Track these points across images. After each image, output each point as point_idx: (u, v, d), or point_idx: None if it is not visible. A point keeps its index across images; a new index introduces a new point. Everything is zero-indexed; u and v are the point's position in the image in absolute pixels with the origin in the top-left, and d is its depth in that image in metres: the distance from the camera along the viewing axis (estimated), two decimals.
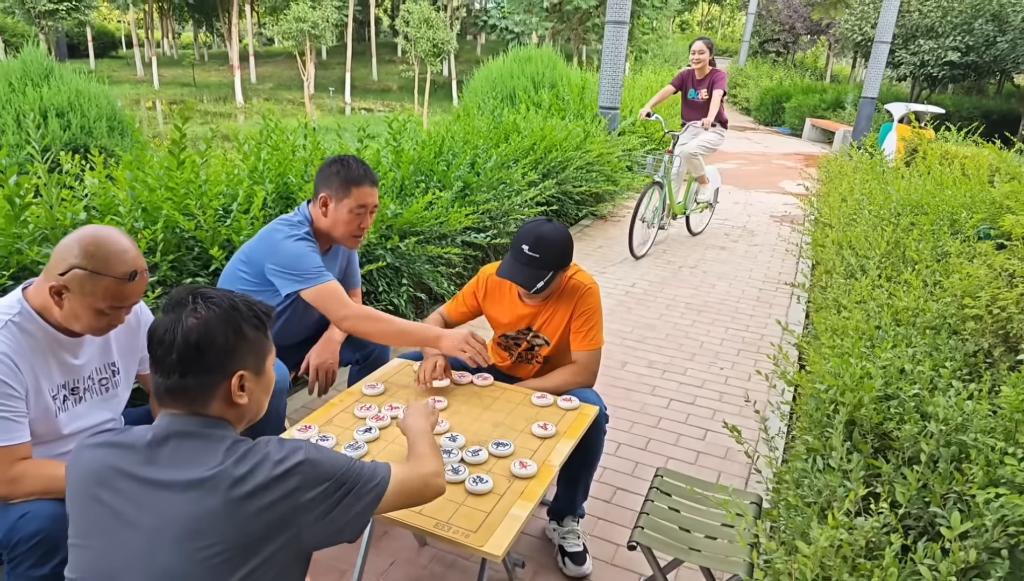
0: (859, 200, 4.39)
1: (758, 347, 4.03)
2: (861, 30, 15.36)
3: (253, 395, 1.22)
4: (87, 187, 2.78)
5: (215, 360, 1.15)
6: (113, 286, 1.51)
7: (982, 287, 2.25)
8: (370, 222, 2.30)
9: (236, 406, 1.19)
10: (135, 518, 1.10)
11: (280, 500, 1.12)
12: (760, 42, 23.72)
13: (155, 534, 1.08)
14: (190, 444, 1.14)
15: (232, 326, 1.16)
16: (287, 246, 2.17)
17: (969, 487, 1.36)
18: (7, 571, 1.47)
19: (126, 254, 1.52)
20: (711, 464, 2.84)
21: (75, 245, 1.49)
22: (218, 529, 1.08)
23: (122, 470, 1.12)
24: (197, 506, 1.08)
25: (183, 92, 23.01)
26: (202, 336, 1.13)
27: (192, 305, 1.15)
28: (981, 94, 16.74)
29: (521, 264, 2.06)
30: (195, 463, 1.11)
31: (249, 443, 1.16)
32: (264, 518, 1.10)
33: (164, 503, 1.09)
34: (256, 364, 1.21)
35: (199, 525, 1.08)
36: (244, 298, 1.21)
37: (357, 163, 2.24)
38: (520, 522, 1.52)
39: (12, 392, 1.46)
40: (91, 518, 1.13)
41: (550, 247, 2.04)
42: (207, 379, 1.15)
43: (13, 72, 5.90)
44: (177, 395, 1.15)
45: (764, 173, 10.05)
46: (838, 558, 1.30)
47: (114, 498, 1.11)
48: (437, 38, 17.71)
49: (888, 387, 1.80)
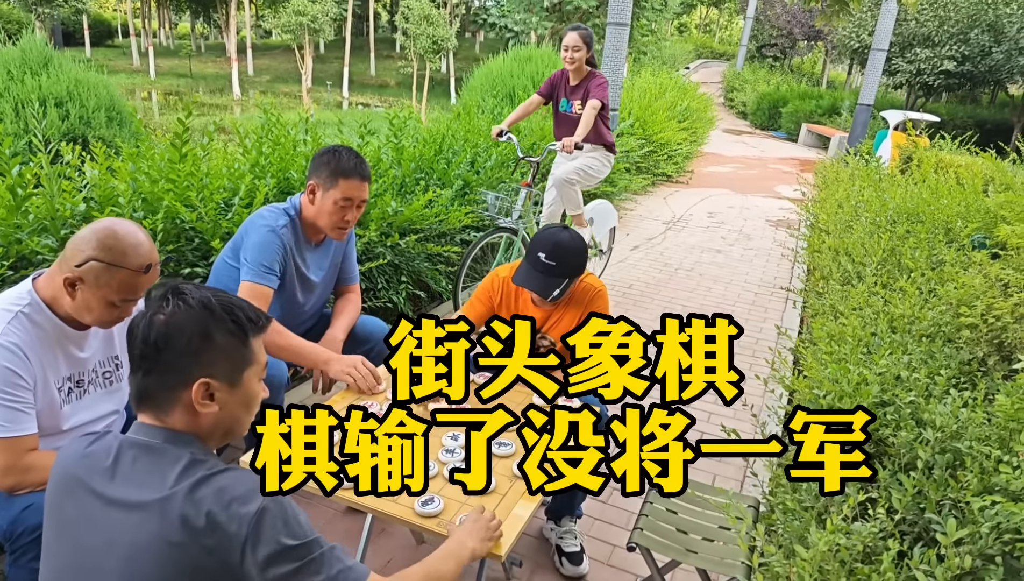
0: (856, 206, 4.42)
1: (754, 351, 4.06)
2: (858, 37, 15.43)
3: (226, 407, 1.10)
4: (87, 178, 2.78)
5: (173, 361, 1.06)
6: (129, 278, 1.52)
7: (977, 296, 2.28)
8: (356, 216, 2.27)
9: (201, 417, 1.09)
10: (85, 534, 1.05)
11: (231, 539, 1.00)
12: (758, 47, 23.79)
13: (103, 555, 1.02)
14: (147, 460, 1.06)
15: (199, 327, 1.07)
16: (257, 233, 2.18)
17: (964, 494, 1.39)
18: (9, 562, 1.47)
19: (142, 247, 1.53)
20: (706, 466, 2.86)
21: (92, 237, 1.50)
22: (157, 564, 0.99)
23: (83, 482, 1.07)
24: (139, 532, 1.00)
25: (179, 83, 22.89)
26: (162, 334, 1.05)
27: (167, 300, 1.08)
28: (975, 103, 16.86)
29: (538, 272, 2.06)
30: (147, 483, 1.03)
31: (210, 467, 1.05)
32: (205, 564, 1.00)
33: (111, 523, 1.03)
34: (229, 374, 1.10)
35: (138, 554, 1.00)
36: (229, 301, 1.11)
37: (350, 155, 2.22)
38: (522, 522, 1.54)
39: (22, 383, 1.47)
40: (53, 525, 1.10)
41: (567, 255, 2.05)
42: (164, 381, 1.07)
43: (12, 60, 5.87)
44: (141, 398, 1.09)
45: (760, 177, 10.09)
46: (836, 562, 1.33)
47: (73, 509, 1.07)
48: (437, 35, 17.69)
49: (884, 394, 1.82)
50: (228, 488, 1.02)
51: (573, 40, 4.16)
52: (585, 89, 4.18)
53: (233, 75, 21.64)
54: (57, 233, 2.42)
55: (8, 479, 1.45)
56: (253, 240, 2.18)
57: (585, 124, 4.06)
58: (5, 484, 1.45)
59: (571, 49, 4.14)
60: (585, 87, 4.19)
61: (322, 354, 2.14)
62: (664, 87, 10.57)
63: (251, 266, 2.15)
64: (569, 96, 4.32)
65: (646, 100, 9.01)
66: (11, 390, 1.45)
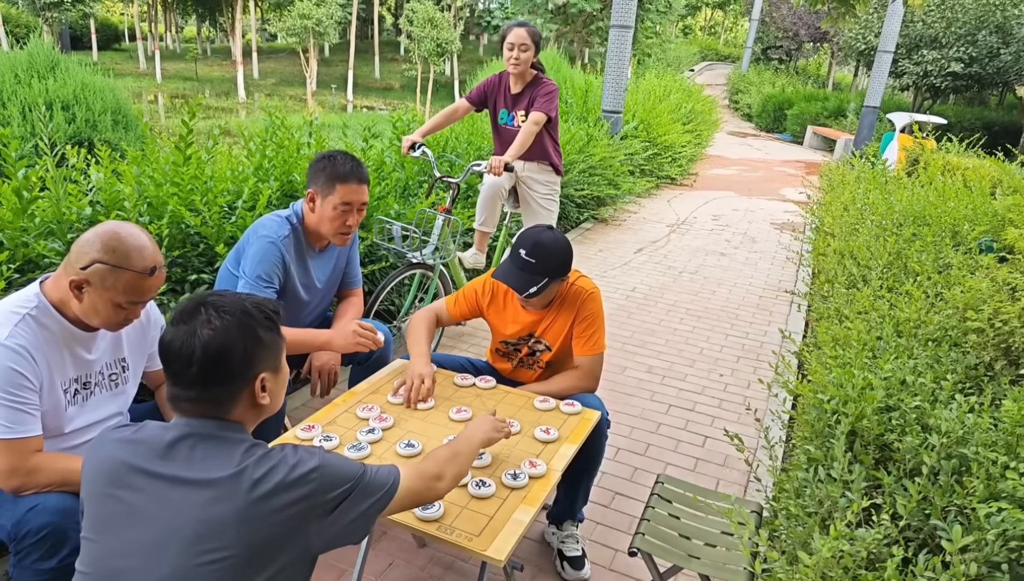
0: (861, 209, 4.40)
1: (758, 354, 4.04)
2: (865, 39, 15.39)
3: (273, 394, 1.24)
4: (92, 181, 2.79)
5: (237, 369, 1.17)
6: (134, 280, 1.53)
7: (984, 300, 2.26)
8: (358, 220, 2.28)
9: (259, 407, 1.21)
10: (150, 514, 1.10)
11: (295, 503, 1.12)
12: (763, 48, 23.75)
13: (165, 533, 1.09)
14: (207, 445, 1.14)
15: (248, 333, 1.17)
16: (257, 244, 2.18)
17: (970, 500, 1.37)
18: (13, 563, 1.47)
19: (146, 250, 1.55)
20: (710, 471, 2.85)
21: (96, 240, 1.51)
22: (228, 534, 1.08)
23: (137, 467, 1.13)
24: (210, 508, 1.08)
25: (185, 86, 23.00)
26: (221, 347, 1.14)
27: (205, 315, 1.15)
28: (983, 105, 16.77)
29: (517, 268, 2.07)
30: (212, 464, 1.12)
31: (265, 447, 1.17)
32: (277, 521, 1.11)
33: (178, 500, 1.10)
34: (274, 364, 1.23)
35: (208, 530, 1.08)
36: (253, 300, 1.22)
37: (345, 159, 2.22)
38: (523, 527, 1.53)
39: (28, 385, 1.48)
40: (104, 514, 1.14)
41: (546, 254, 2.05)
42: (230, 388, 1.17)
43: (19, 64, 5.90)
44: (200, 404, 1.16)
45: (765, 180, 10.07)
46: (839, 569, 1.31)
47: (130, 494, 1.12)
48: (441, 38, 17.73)
49: (889, 398, 1.81)
50: (288, 457, 1.15)
51: (520, 37, 3.41)
52: (530, 98, 3.54)
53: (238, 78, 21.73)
54: (64, 237, 2.43)
55: (13, 480, 1.45)
56: (252, 251, 2.18)
57: (523, 141, 3.39)
58: (10, 485, 1.46)
59: (517, 48, 3.41)
60: (530, 96, 3.54)
61: (322, 334, 2.23)
62: (668, 89, 10.56)
63: (249, 279, 2.16)
64: (511, 106, 3.61)
65: (650, 102, 9.01)
66: (17, 391, 1.45)
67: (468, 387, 2.16)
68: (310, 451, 1.19)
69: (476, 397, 2.10)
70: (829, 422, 1.83)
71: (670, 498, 2.03)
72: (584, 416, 2.03)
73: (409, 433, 1.86)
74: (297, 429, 1.84)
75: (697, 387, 3.60)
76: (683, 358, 3.92)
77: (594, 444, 2.03)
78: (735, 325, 4.49)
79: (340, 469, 1.20)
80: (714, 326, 4.44)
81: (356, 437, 1.81)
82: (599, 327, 2.19)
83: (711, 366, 3.86)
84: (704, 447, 3.02)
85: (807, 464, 1.77)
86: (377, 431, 1.83)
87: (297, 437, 1.80)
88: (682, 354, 3.98)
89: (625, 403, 3.35)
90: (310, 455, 1.18)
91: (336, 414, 1.94)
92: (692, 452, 2.98)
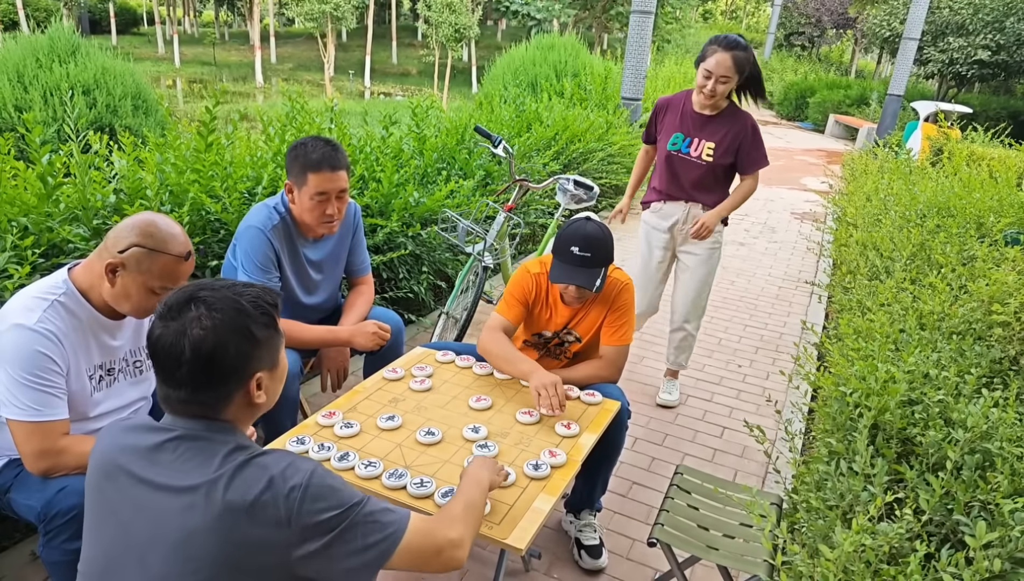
0: (884, 200, 4.34)
1: (777, 346, 4.02)
2: (889, 25, 15.10)
3: (269, 391, 1.17)
4: (116, 168, 2.81)
5: (229, 371, 1.08)
6: (170, 264, 1.57)
7: (1010, 293, 2.22)
8: (340, 207, 2.19)
9: (254, 406, 1.14)
10: (131, 519, 1.06)
11: (275, 518, 1.02)
12: (785, 35, 23.38)
13: (151, 538, 1.04)
14: (191, 448, 1.07)
15: (241, 332, 1.08)
16: (247, 233, 2.17)
17: (994, 496, 1.36)
18: (42, 544, 1.51)
19: (180, 237, 1.60)
20: (728, 462, 2.84)
21: (134, 226, 1.56)
22: (206, 545, 1.01)
23: (124, 468, 1.08)
24: (188, 515, 1.02)
25: (203, 71, 23.07)
26: (212, 349, 1.05)
27: (195, 312, 1.06)
28: (1009, 94, 16.41)
29: (576, 266, 2.04)
30: (193, 468, 1.05)
31: (252, 451, 1.08)
32: (254, 536, 1.02)
33: (159, 507, 1.04)
34: (271, 361, 1.15)
35: (188, 538, 1.01)
36: (249, 293, 1.12)
37: (316, 146, 2.12)
38: (543, 515, 1.54)
39: (56, 369, 1.51)
40: (96, 509, 1.11)
41: (598, 245, 2.04)
42: (222, 390, 1.09)
43: (40, 48, 5.94)
44: (190, 405, 1.09)
45: (786, 169, 9.95)
46: (861, 563, 1.31)
47: (115, 494, 1.08)
48: (459, 23, 17.62)
49: (912, 392, 1.79)
50: (270, 467, 1.05)
51: (723, 67, 2.67)
52: (733, 134, 2.83)
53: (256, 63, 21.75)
54: (89, 223, 2.45)
55: (43, 462, 1.49)
56: (243, 242, 2.17)
57: (736, 201, 2.92)
58: (40, 467, 1.49)
59: (716, 79, 2.69)
60: (731, 132, 2.82)
61: (343, 332, 2.30)
62: (689, 76, 10.45)
63: (248, 270, 2.15)
64: (691, 131, 2.89)
65: (671, 89, 8.91)
66: (45, 375, 1.48)
67: (486, 376, 2.15)
68: (300, 465, 1.06)
69: (496, 386, 2.10)
70: (851, 415, 1.81)
71: (689, 489, 2.03)
72: (604, 406, 2.03)
73: (429, 421, 1.87)
74: (318, 415, 1.86)
75: (715, 378, 3.59)
76: (701, 348, 3.90)
77: (614, 434, 2.03)
78: (754, 315, 4.46)
79: (330, 492, 1.07)
80: (732, 317, 4.41)
81: (377, 425, 1.82)
82: (629, 319, 2.18)
83: (729, 357, 3.84)
84: (722, 438, 3.02)
85: (828, 457, 1.76)
86: (397, 419, 1.85)
87: (318, 423, 1.82)
88: (700, 344, 3.96)
89: (643, 393, 3.35)
90: (296, 471, 1.05)
91: (357, 400, 1.96)
92: (710, 443, 2.98)
